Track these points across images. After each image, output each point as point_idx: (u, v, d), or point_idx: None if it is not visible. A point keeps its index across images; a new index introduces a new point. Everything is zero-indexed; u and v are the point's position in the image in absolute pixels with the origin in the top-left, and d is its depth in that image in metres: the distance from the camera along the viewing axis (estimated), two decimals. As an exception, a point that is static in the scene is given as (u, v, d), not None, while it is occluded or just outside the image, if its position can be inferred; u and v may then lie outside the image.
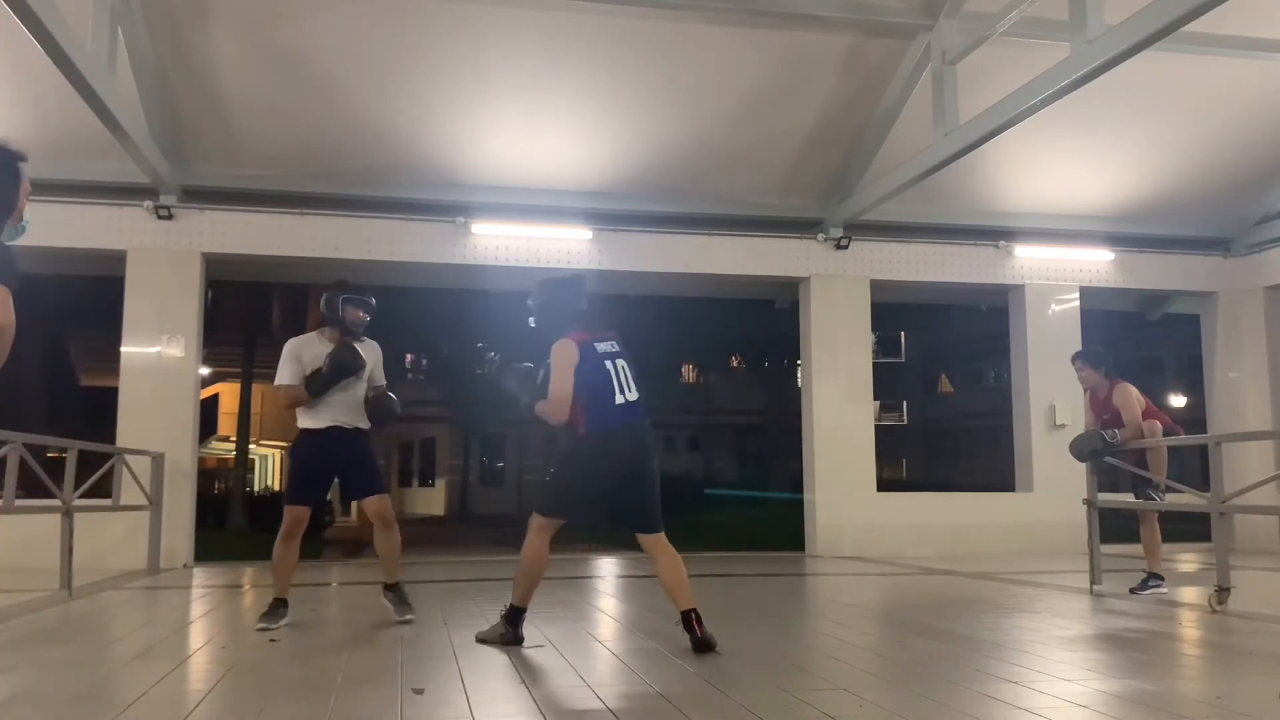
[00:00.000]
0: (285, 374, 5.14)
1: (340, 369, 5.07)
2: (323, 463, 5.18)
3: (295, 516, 5.13)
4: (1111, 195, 10.76)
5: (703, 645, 4.22)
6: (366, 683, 3.66)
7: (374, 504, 5.23)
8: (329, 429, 5.12)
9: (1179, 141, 9.97)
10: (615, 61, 8.56)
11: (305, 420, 5.17)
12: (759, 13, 8.09)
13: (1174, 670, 4.18)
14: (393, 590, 5.29)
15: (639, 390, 4.51)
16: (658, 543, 4.46)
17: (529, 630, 4.63)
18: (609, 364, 4.45)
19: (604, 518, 4.61)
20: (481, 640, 4.50)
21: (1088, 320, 11.12)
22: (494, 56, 8.35)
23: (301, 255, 9.76)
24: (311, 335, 5.33)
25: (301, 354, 5.17)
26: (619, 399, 4.43)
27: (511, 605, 4.50)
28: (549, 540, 4.50)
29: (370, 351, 5.31)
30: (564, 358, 4.40)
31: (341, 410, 5.14)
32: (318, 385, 5.07)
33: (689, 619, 4.28)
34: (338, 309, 5.23)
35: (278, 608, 5.08)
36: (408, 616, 5.18)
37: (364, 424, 5.26)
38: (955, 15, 8.12)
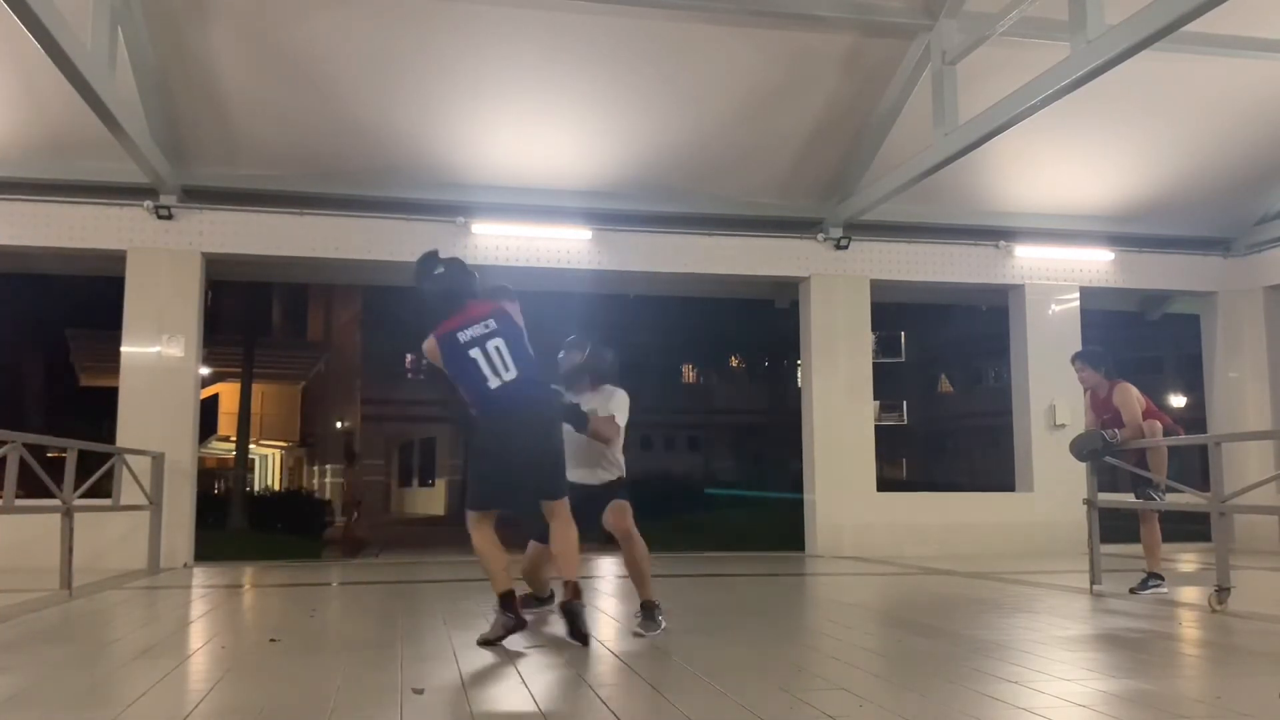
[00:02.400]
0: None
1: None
2: None
3: None
4: (1111, 195, 10.76)
5: (574, 629, 4.26)
6: (366, 683, 3.66)
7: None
8: None
9: (1179, 141, 9.97)
10: (615, 61, 8.57)
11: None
12: (759, 13, 8.09)
13: (1174, 670, 4.18)
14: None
15: (522, 365, 4.44)
16: (556, 510, 4.48)
17: (530, 632, 4.62)
18: (475, 351, 4.43)
19: (528, 500, 4.60)
20: (485, 642, 4.41)
21: (1088, 320, 11.12)
22: (494, 56, 8.35)
23: (301, 255, 9.75)
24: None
25: None
26: (492, 383, 4.40)
27: (498, 596, 4.48)
28: (492, 530, 4.54)
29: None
30: (435, 359, 4.54)
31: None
32: None
33: (571, 590, 4.31)
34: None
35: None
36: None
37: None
38: (955, 15, 8.12)
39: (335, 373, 34.75)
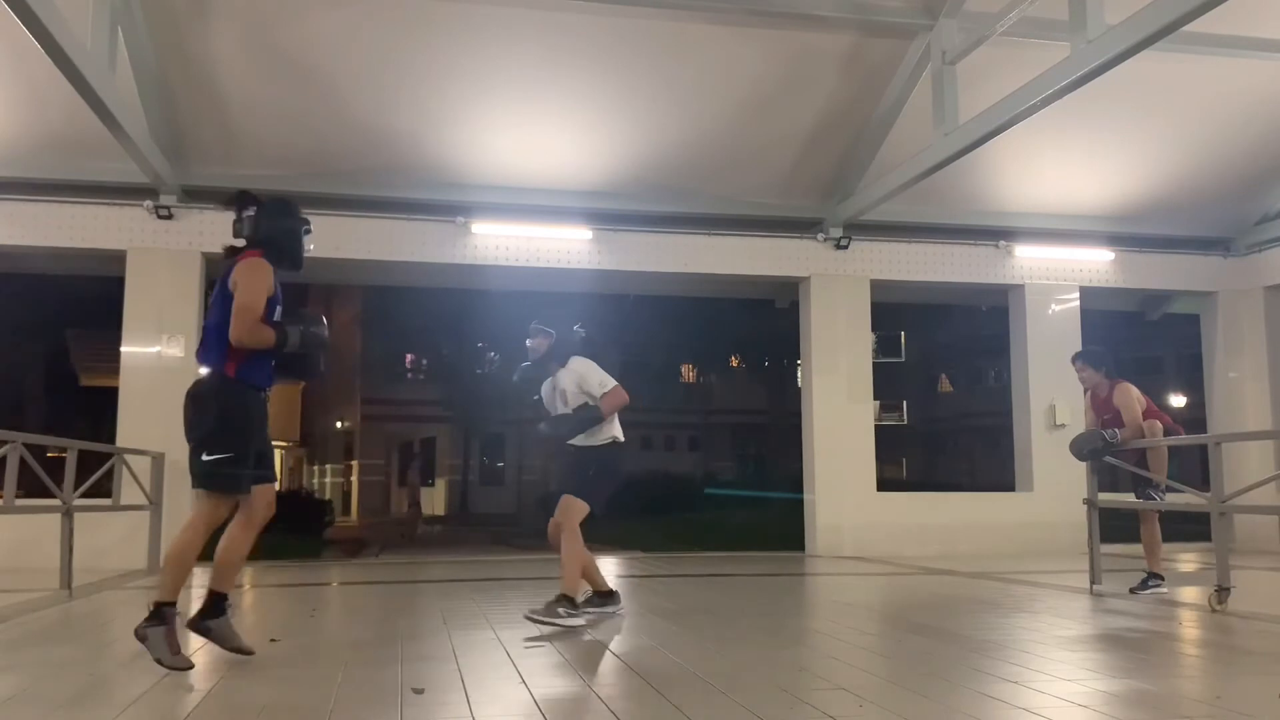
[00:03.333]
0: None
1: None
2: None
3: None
4: (1111, 195, 10.76)
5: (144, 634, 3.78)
6: (367, 683, 3.66)
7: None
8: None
9: (1179, 141, 9.98)
10: (615, 61, 8.56)
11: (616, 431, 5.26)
12: (759, 13, 8.10)
13: (1174, 670, 4.18)
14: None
15: (202, 340, 4.13)
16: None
17: (528, 630, 4.61)
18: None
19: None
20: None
21: (1088, 320, 11.12)
22: (494, 56, 8.35)
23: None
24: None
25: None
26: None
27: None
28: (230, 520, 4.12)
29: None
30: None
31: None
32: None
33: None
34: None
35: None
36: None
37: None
38: (955, 15, 8.12)
39: (335, 373, 34.74)
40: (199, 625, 3.99)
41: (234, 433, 3.96)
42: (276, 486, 4.44)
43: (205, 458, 3.91)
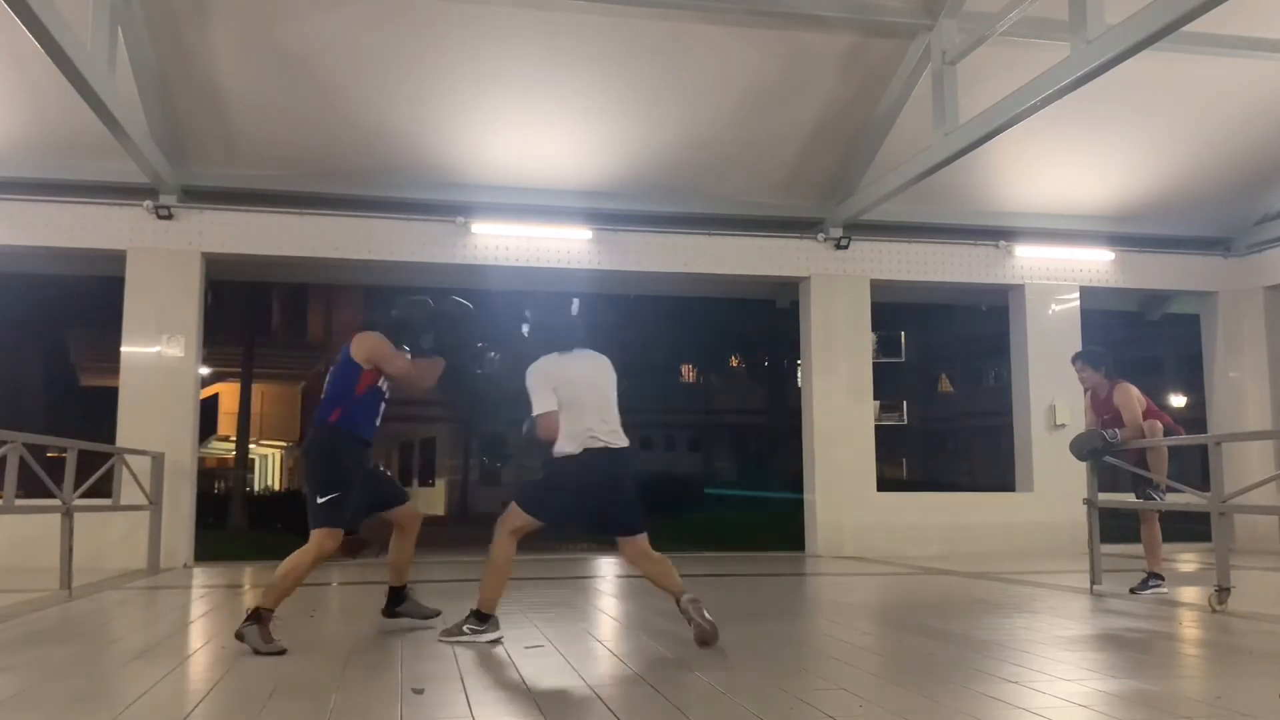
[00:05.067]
0: None
1: None
2: None
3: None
4: (1111, 195, 10.76)
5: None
6: (366, 683, 3.66)
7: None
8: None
9: (1179, 141, 9.97)
10: (615, 61, 8.56)
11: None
12: (759, 13, 8.09)
13: (1174, 670, 4.18)
14: None
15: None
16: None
17: (527, 630, 4.61)
18: None
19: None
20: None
21: (1088, 320, 11.12)
22: (494, 56, 8.34)
23: (301, 255, 9.76)
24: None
25: None
26: None
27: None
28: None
29: None
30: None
31: None
32: None
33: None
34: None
35: None
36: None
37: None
38: (955, 15, 8.11)
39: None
40: (392, 613, 4.98)
41: (338, 476, 4.50)
42: (409, 502, 5.07)
43: (319, 500, 4.46)
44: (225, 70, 8.42)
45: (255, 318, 25.15)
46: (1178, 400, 25.76)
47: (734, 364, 36.18)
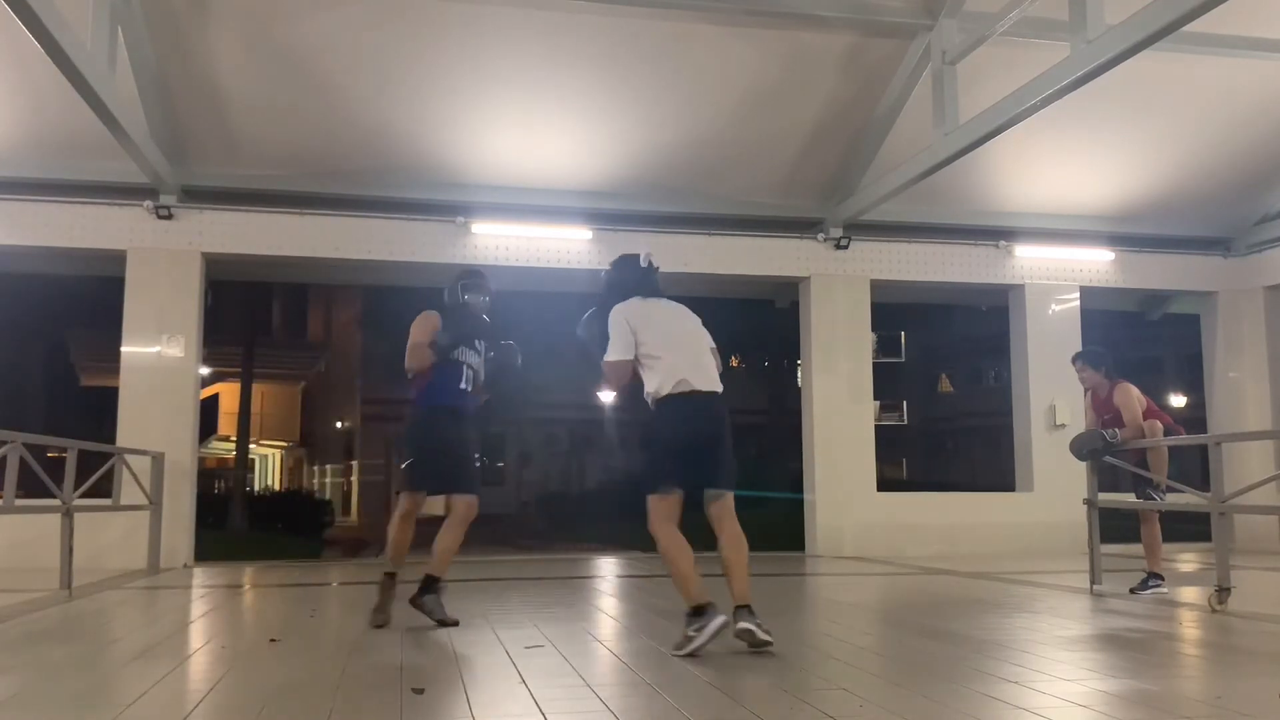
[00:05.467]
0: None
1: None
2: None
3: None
4: (1111, 195, 10.76)
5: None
6: (366, 683, 3.66)
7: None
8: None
9: (1179, 141, 9.97)
10: (615, 61, 8.56)
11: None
12: (759, 13, 8.09)
13: (1174, 670, 4.18)
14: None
15: None
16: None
17: (527, 630, 4.61)
18: None
19: None
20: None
21: (1088, 320, 11.12)
22: (494, 56, 8.35)
23: (301, 255, 9.76)
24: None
25: None
26: None
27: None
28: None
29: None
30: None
31: None
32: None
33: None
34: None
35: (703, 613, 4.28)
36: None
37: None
38: (955, 15, 8.12)
39: (335, 373, 34.74)
40: (416, 602, 5.00)
41: (412, 444, 5.14)
42: (475, 498, 5.17)
43: (401, 464, 5.15)
44: (225, 70, 8.42)
45: (255, 318, 25.17)
46: (1178, 400, 25.76)
47: (734, 364, 36.17)
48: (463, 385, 5.16)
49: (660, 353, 4.39)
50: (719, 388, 4.44)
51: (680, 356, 4.40)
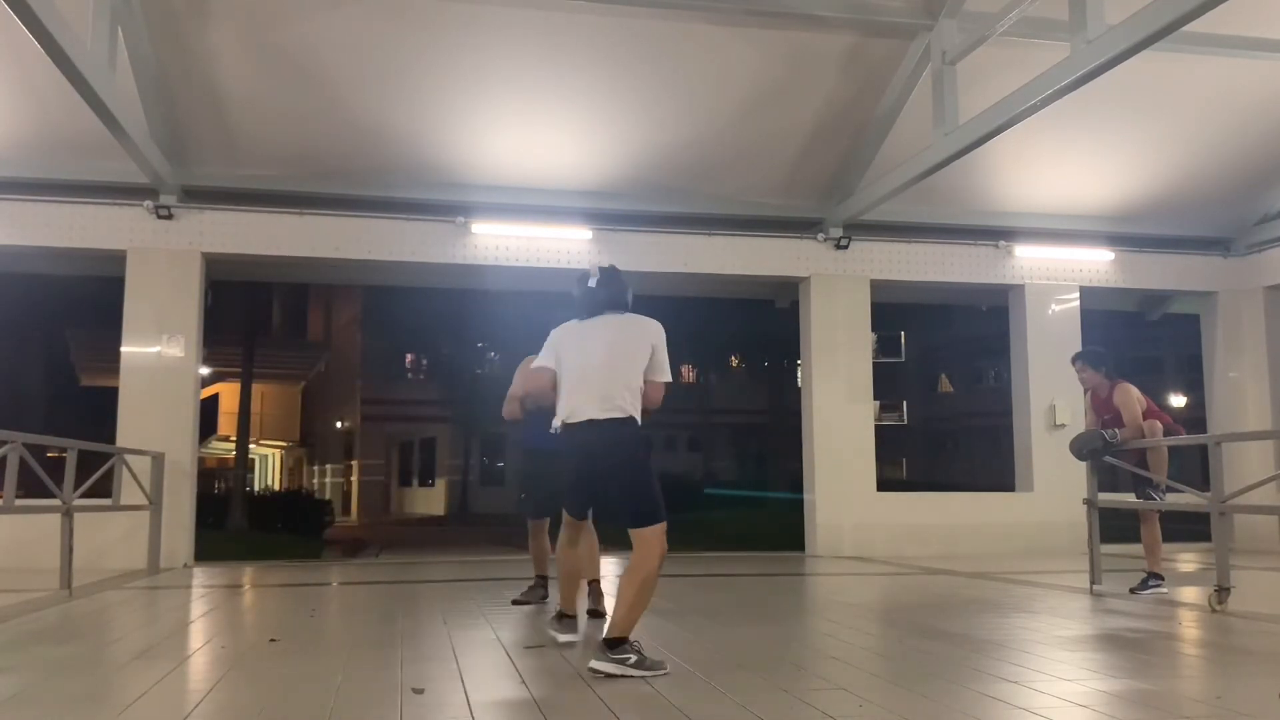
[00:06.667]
0: None
1: None
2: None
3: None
4: (1111, 195, 10.76)
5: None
6: (366, 683, 3.66)
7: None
8: None
9: (1179, 141, 9.97)
10: (615, 61, 8.56)
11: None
12: (759, 13, 8.09)
13: (1174, 670, 4.18)
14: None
15: None
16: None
17: (527, 630, 4.61)
18: None
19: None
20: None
21: (1088, 320, 11.11)
22: (494, 56, 8.35)
23: (301, 255, 9.75)
24: None
25: None
26: None
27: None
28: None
29: None
30: None
31: None
32: None
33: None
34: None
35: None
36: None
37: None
38: (955, 15, 8.11)
39: (335, 373, 34.77)
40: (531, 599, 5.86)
41: (522, 479, 6.26)
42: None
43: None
44: (225, 70, 8.42)
45: (255, 318, 25.13)
46: (1178, 400, 25.78)
47: (734, 364, 36.21)
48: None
49: (566, 380, 4.23)
50: (624, 414, 4.06)
51: (583, 385, 4.15)
